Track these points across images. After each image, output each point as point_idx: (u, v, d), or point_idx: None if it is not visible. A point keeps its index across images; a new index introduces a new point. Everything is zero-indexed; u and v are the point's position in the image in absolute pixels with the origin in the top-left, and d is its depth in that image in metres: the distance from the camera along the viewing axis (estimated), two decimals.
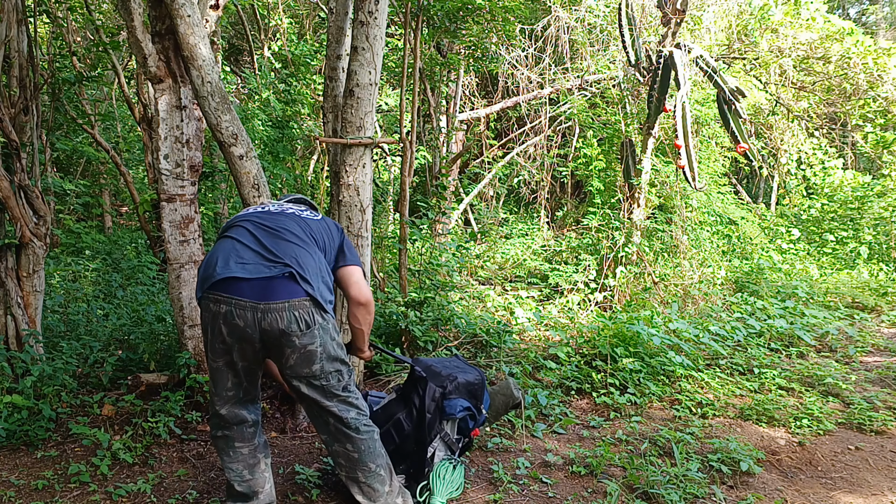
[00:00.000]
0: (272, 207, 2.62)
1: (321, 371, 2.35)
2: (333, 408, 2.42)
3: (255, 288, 2.25)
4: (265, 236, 2.39)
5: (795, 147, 11.55)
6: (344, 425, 2.44)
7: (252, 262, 2.29)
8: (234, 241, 2.38)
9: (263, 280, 2.25)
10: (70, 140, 8.04)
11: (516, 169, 11.20)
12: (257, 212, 2.57)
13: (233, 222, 2.55)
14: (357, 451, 2.46)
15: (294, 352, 2.29)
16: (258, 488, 2.55)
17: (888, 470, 3.33)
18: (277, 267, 2.29)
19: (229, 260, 2.29)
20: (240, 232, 2.43)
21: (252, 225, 2.46)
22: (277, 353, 2.33)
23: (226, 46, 11.78)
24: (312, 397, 2.40)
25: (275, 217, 2.51)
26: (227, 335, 2.29)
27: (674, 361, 4.46)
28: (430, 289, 5.11)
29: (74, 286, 5.71)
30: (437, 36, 6.44)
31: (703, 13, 9.02)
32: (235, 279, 2.25)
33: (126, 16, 3.31)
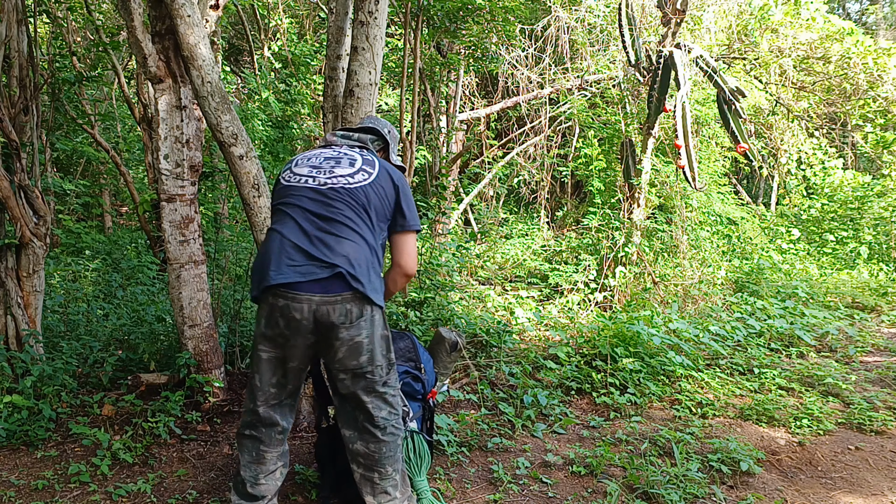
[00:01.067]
0: (326, 168, 2.51)
1: (368, 363, 2.38)
2: (369, 404, 2.43)
3: (310, 285, 2.29)
4: (315, 230, 2.36)
5: (795, 147, 11.55)
6: (372, 424, 2.44)
7: (303, 265, 2.30)
8: (283, 240, 2.35)
9: (315, 281, 2.29)
10: (70, 140, 8.04)
11: (516, 169, 11.20)
12: (309, 186, 2.46)
13: (285, 198, 2.47)
14: (378, 452, 2.46)
15: (343, 344, 2.33)
16: (267, 493, 2.51)
17: (888, 470, 3.33)
18: (329, 269, 2.30)
19: (281, 263, 2.30)
20: (289, 227, 2.38)
21: (302, 215, 2.39)
22: (327, 346, 2.35)
23: (226, 46, 11.78)
24: (353, 391, 2.41)
25: (327, 198, 2.42)
26: (283, 327, 2.31)
27: (674, 361, 4.46)
28: (430, 289, 5.11)
29: (74, 286, 5.71)
30: (437, 36, 6.44)
31: (703, 13, 9.02)
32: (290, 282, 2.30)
33: (126, 16, 3.31)
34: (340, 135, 2.74)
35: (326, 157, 2.56)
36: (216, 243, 5.18)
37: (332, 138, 2.71)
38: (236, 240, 6.02)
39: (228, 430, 3.48)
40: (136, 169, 9.74)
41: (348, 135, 2.73)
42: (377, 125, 2.79)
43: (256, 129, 7.61)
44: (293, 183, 2.49)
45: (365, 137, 2.73)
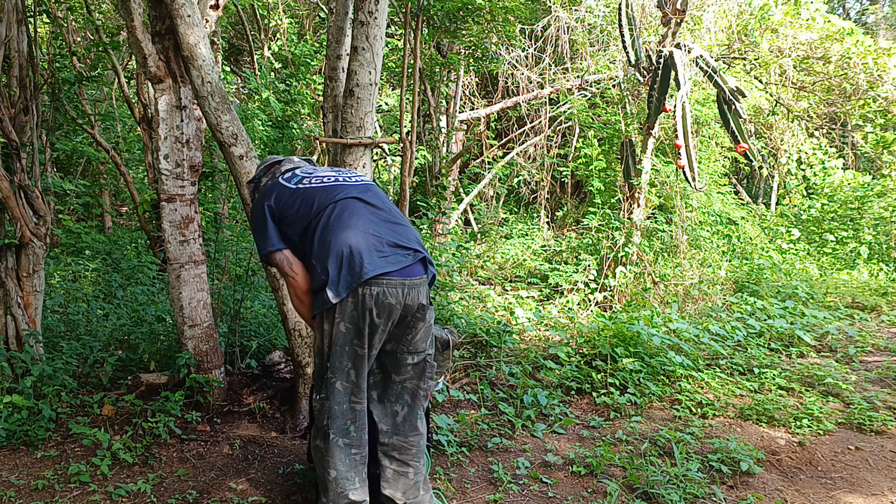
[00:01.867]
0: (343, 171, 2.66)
1: (430, 346, 2.49)
2: (421, 391, 2.51)
3: (399, 272, 2.35)
4: (382, 221, 2.43)
5: (795, 147, 11.55)
6: (415, 415, 2.51)
7: (390, 254, 2.35)
8: (362, 232, 2.35)
9: (403, 267, 2.36)
10: (70, 140, 8.04)
11: (516, 169, 11.20)
12: (349, 184, 2.52)
13: (331, 197, 2.45)
14: (416, 445, 2.51)
15: (423, 325, 2.43)
16: (366, 497, 2.46)
17: (888, 470, 3.33)
18: (411, 254, 2.39)
19: (372, 255, 2.31)
20: (362, 220, 2.39)
21: (364, 207, 2.44)
22: (404, 329, 2.41)
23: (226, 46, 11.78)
24: (411, 374, 2.48)
25: (370, 191, 2.53)
26: (376, 316, 2.32)
27: (674, 361, 4.46)
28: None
29: (74, 286, 5.71)
30: (437, 36, 6.45)
31: (703, 13, 9.02)
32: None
33: (126, 16, 3.31)
34: (304, 161, 2.85)
35: (328, 169, 2.68)
36: (216, 243, 5.18)
37: (297, 162, 2.77)
38: (236, 240, 6.02)
39: (228, 431, 3.48)
40: (136, 169, 9.74)
41: (310, 161, 2.89)
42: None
43: (256, 129, 7.61)
44: (330, 183, 2.50)
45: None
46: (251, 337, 4.53)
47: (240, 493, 2.90)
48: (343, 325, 2.32)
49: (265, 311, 5.00)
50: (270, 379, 3.81)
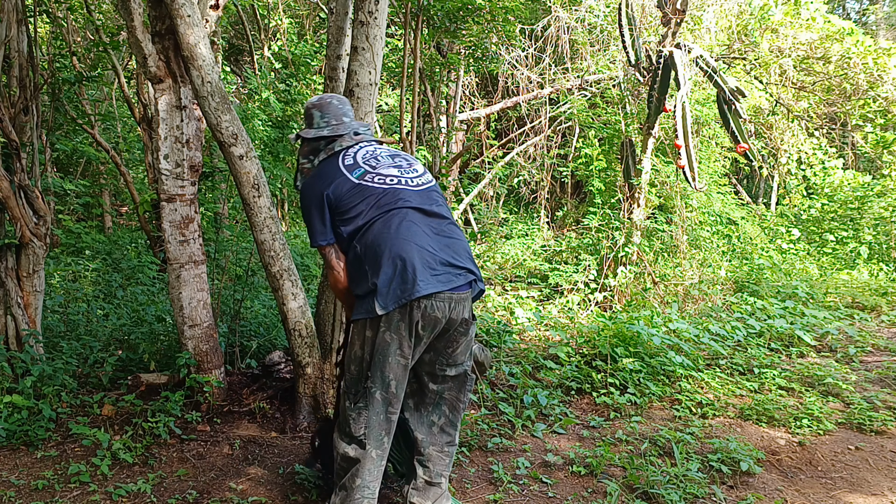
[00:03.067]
0: (405, 167, 2.52)
1: (470, 358, 2.50)
2: (459, 404, 2.52)
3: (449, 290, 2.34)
4: (437, 235, 2.39)
5: (795, 147, 11.54)
6: (451, 426, 2.53)
7: (443, 272, 2.32)
8: (418, 248, 2.31)
9: (455, 287, 2.34)
10: (70, 140, 8.03)
11: (516, 169, 11.20)
12: (411, 189, 2.44)
13: (390, 202, 2.39)
14: (450, 455, 2.55)
15: (465, 339, 2.43)
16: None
17: (888, 470, 3.33)
18: (463, 274, 2.37)
19: (426, 272, 2.28)
20: (419, 233, 2.34)
21: (421, 219, 2.38)
22: (446, 342, 2.40)
23: (226, 46, 11.78)
24: (450, 385, 2.49)
25: (430, 200, 2.46)
26: (420, 329, 2.30)
27: (674, 361, 4.46)
28: None
29: (74, 286, 5.71)
30: (437, 36, 6.44)
31: (703, 13, 9.02)
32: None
33: (126, 16, 3.31)
34: (363, 131, 2.66)
35: (390, 155, 2.57)
36: (216, 243, 5.18)
37: (355, 137, 2.62)
38: (236, 240, 6.01)
39: (228, 431, 3.48)
40: (136, 169, 9.74)
41: (363, 130, 2.67)
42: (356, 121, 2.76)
43: (256, 129, 7.60)
44: (393, 186, 2.42)
45: (370, 132, 2.74)
46: (251, 337, 4.53)
47: (240, 493, 2.90)
48: (388, 334, 2.29)
49: (265, 311, 5.00)
50: (270, 379, 3.81)
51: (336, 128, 2.62)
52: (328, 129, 2.62)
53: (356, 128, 2.65)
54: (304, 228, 2.76)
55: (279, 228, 3.43)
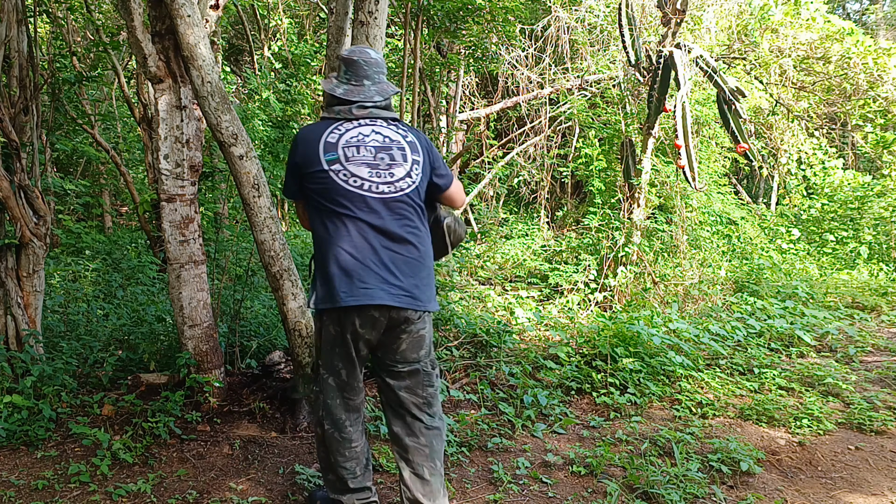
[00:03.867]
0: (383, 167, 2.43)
1: (426, 355, 2.54)
2: (419, 399, 2.54)
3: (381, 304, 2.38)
4: (385, 252, 2.39)
5: (795, 147, 11.54)
6: (417, 420, 2.55)
7: (375, 288, 2.35)
8: (351, 259, 2.36)
9: (385, 304, 2.37)
10: (70, 140, 8.03)
11: (516, 169, 11.20)
12: (374, 197, 2.40)
13: (346, 206, 2.39)
14: (425, 447, 2.54)
15: (408, 337, 2.46)
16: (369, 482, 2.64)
17: (888, 470, 3.33)
18: (400, 294, 2.38)
19: (353, 286, 2.34)
20: (357, 244, 2.37)
21: (371, 233, 2.38)
22: (391, 340, 2.46)
23: (226, 46, 11.78)
24: (406, 382, 2.52)
25: (392, 212, 2.41)
26: (359, 326, 2.39)
27: (674, 361, 4.46)
28: None
29: (74, 286, 5.71)
30: (437, 36, 6.45)
31: (703, 13, 9.02)
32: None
33: (126, 16, 3.31)
34: (370, 107, 2.53)
35: (377, 147, 2.45)
36: (216, 243, 5.18)
37: (361, 112, 2.50)
38: (236, 240, 6.02)
39: (228, 430, 3.48)
40: (136, 169, 9.74)
41: (377, 106, 2.54)
42: (384, 83, 2.58)
43: (256, 129, 7.60)
44: (354, 188, 2.39)
45: (390, 112, 2.58)
46: (251, 337, 4.53)
47: (240, 493, 2.90)
48: (332, 327, 2.42)
49: (265, 311, 5.00)
50: (270, 379, 3.81)
51: (349, 91, 2.52)
52: (342, 90, 2.53)
53: (371, 96, 2.52)
54: (305, 229, 2.79)
55: (279, 228, 3.43)
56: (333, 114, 2.52)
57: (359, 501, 2.60)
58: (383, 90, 2.56)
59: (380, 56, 2.63)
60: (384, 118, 2.53)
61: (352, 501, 2.59)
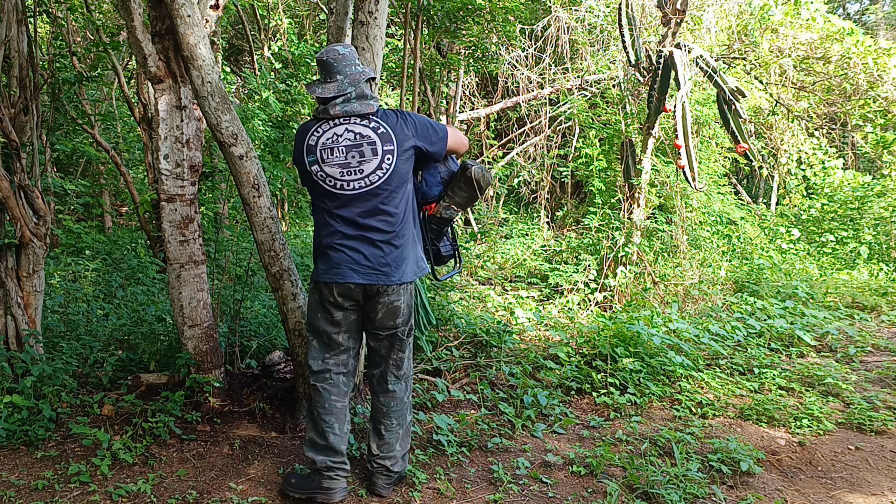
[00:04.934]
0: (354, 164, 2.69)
1: (403, 322, 2.82)
2: (390, 360, 2.88)
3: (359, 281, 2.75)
4: (359, 239, 2.72)
5: (795, 147, 11.54)
6: (385, 380, 2.89)
7: (345, 269, 2.71)
8: (332, 244, 2.74)
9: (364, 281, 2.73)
10: (70, 140, 8.03)
11: (516, 169, 11.20)
12: (346, 193, 2.71)
13: (324, 203, 2.76)
14: (386, 406, 2.89)
15: (383, 308, 2.75)
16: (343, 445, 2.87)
17: (888, 470, 3.33)
18: (375, 274, 2.72)
19: (330, 266, 2.74)
20: (336, 234, 2.74)
21: (346, 226, 2.72)
22: (370, 309, 2.78)
23: (226, 46, 11.78)
24: (385, 343, 2.85)
25: (362, 204, 2.70)
26: (338, 295, 2.75)
27: (674, 361, 4.46)
28: (431, 288, 5.11)
29: (74, 286, 5.71)
30: (437, 36, 6.45)
31: (703, 13, 9.02)
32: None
33: (126, 16, 3.30)
34: (341, 105, 2.72)
35: (348, 147, 2.70)
36: (216, 243, 5.18)
37: (335, 111, 2.71)
38: (236, 240, 6.02)
39: (228, 430, 3.48)
40: (136, 169, 9.74)
41: (348, 100, 2.73)
42: (359, 71, 2.77)
43: (256, 129, 7.60)
44: (331, 189, 2.73)
45: (366, 104, 2.73)
46: (251, 337, 4.53)
47: (240, 493, 2.90)
48: (315, 296, 2.82)
49: (265, 311, 5.00)
50: (270, 379, 3.81)
51: (326, 90, 2.74)
52: (319, 90, 2.75)
53: (344, 89, 2.72)
54: (304, 229, 2.97)
55: (279, 228, 3.43)
56: (317, 114, 2.78)
57: (331, 462, 2.80)
58: (355, 79, 2.74)
59: (349, 49, 2.82)
60: (359, 114, 2.72)
61: (324, 462, 2.80)
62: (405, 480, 3.01)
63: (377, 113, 2.75)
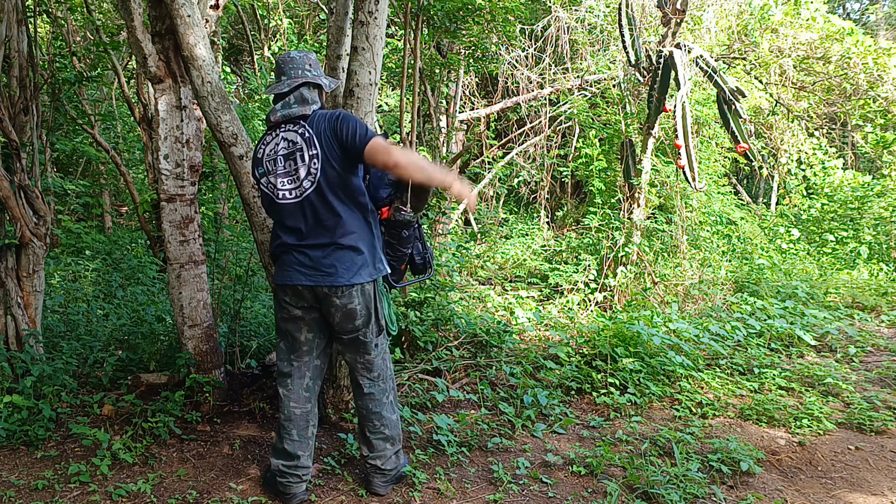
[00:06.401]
0: (292, 171, 2.70)
1: (363, 325, 2.78)
2: (357, 364, 2.87)
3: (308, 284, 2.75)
4: (305, 246, 2.72)
5: (795, 147, 11.54)
6: (363, 380, 2.88)
7: (292, 271, 2.73)
8: (284, 250, 2.77)
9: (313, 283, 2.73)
10: (70, 140, 8.03)
11: (516, 169, 11.19)
12: (289, 202, 2.71)
13: (273, 213, 2.80)
14: (366, 410, 2.90)
15: (337, 311, 2.72)
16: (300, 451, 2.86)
17: (888, 470, 3.33)
18: (321, 275, 2.70)
19: (283, 271, 2.77)
20: (285, 242, 2.76)
21: (292, 235, 2.74)
22: (325, 313, 2.77)
23: (226, 46, 11.78)
24: (348, 347, 2.84)
25: (303, 213, 2.69)
26: (293, 295, 2.77)
27: (674, 361, 4.46)
28: (430, 289, 5.11)
29: (74, 286, 5.71)
30: (437, 36, 6.44)
31: (703, 13, 9.02)
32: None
33: (126, 16, 3.31)
34: (280, 111, 2.74)
35: (285, 156, 2.71)
36: (216, 243, 5.18)
37: (275, 117, 2.75)
38: (236, 240, 6.01)
39: (228, 431, 3.48)
40: (136, 169, 9.74)
41: (287, 105, 2.75)
42: (303, 76, 2.76)
43: (256, 129, 7.60)
44: (276, 200, 2.74)
45: (301, 108, 2.74)
46: (251, 337, 4.53)
47: (240, 493, 2.90)
48: (277, 299, 2.86)
49: (265, 311, 5.00)
50: (270, 379, 3.81)
51: (274, 89, 2.77)
52: (271, 88, 2.78)
53: (281, 90, 2.73)
54: None
55: None
56: (269, 121, 2.81)
57: (283, 466, 2.81)
58: (294, 80, 2.75)
59: (301, 54, 2.84)
60: (297, 116, 2.72)
61: (276, 466, 2.82)
62: (405, 480, 3.01)
63: (312, 116, 2.72)
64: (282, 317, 2.84)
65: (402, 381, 4.16)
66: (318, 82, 2.79)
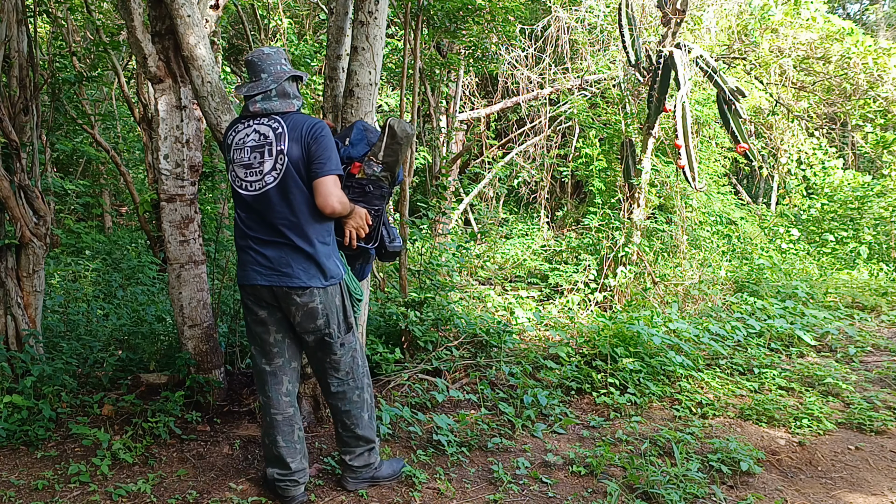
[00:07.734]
0: (256, 165, 2.68)
1: (328, 325, 2.74)
2: (326, 364, 2.82)
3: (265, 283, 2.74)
4: (261, 243, 2.71)
5: (795, 147, 11.54)
6: (326, 385, 2.86)
7: (250, 270, 2.74)
8: (242, 247, 2.77)
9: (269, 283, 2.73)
10: (70, 140, 8.03)
11: (516, 169, 11.19)
12: (249, 194, 2.70)
13: (236, 204, 2.78)
14: (335, 408, 2.89)
15: (298, 310, 2.70)
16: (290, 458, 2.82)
17: (888, 470, 3.33)
18: (276, 275, 2.69)
19: (242, 269, 2.78)
20: (244, 236, 2.75)
21: (249, 231, 2.73)
22: (286, 313, 2.74)
23: (226, 46, 11.78)
24: (313, 348, 2.80)
25: (262, 207, 2.68)
26: (254, 297, 2.78)
27: (674, 361, 4.46)
28: (430, 289, 5.11)
29: (74, 286, 5.71)
30: (437, 36, 6.44)
31: (703, 13, 9.02)
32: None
33: (126, 16, 3.31)
34: (261, 103, 2.71)
35: (252, 147, 2.70)
36: (216, 243, 5.18)
37: (255, 108, 2.71)
38: None
39: (228, 430, 3.48)
40: (136, 169, 9.74)
41: (268, 97, 2.72)
42: (282, 70, 2.74)
43: None
44: (238, 190, 2.74)
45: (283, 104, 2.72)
46: None
47: (240, 493, 2.90)
48: (244, 299, 2.83)
49: None
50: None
51: (250, 88, 2.73)
52: (245, 88, 2.75)
53: (267, 86, 2.70)
54: None
55: None
56: (240, 115, 2.79)
57: (278, 474, 2.79)
58: (278, 77, 2.73)
59: (275, 50, 2.82)
60: (278, 112, 2.71)
61: (271, 475, 2.81)
62: (405, 480, 3.01)
63: (292, 115, 2.71)
64: (251, 319, 2.82)
65: (402, 381, 4.16)
66: (300, 74, 2.81)
